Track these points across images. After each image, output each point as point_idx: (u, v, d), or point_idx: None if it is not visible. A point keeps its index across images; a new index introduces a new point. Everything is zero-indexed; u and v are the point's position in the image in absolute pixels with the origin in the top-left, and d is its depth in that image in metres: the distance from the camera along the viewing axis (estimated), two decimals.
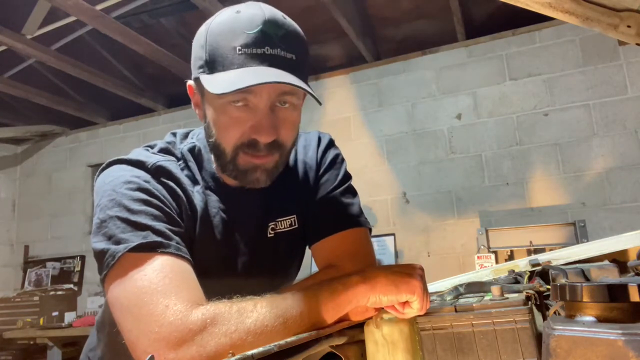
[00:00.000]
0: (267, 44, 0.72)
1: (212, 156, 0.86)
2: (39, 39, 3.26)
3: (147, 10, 3.29)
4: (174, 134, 0.91)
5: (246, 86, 0.68)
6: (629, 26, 0.79)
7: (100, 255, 0.70)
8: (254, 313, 0.63)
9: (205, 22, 0.80)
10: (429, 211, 3.55)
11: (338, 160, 0.97)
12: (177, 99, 4.47)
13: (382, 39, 3.82)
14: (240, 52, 0.72)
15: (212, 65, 0.74)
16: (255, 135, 0.76)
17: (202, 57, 0.76)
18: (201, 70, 0.76)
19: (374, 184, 3.70)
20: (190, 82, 0.84)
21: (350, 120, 3.87)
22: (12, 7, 3.04)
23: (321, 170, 0.94)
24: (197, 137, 0.89)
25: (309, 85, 0.75)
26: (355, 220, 0.91)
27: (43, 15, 3.05)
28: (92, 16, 2.92)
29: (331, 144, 0.99)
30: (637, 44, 0.83)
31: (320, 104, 0.76)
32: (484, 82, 3.52)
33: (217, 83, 0.71)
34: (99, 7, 2.94)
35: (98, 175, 0.81)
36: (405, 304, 0.68)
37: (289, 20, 0.78)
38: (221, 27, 0.75)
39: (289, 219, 0.92)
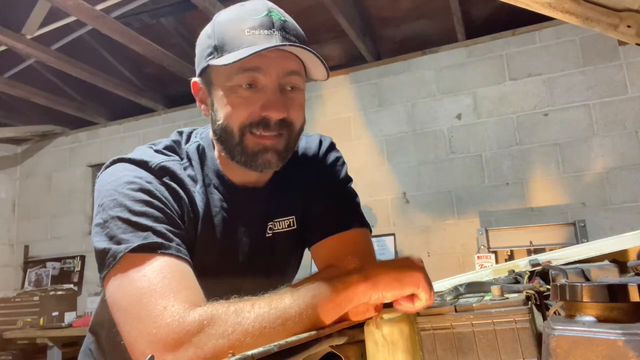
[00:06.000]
0: (274, 27, 0.76)
1: (215, 153, 0.86)
2: (39, 39, 3.26)
3: (147, 10, 3.29)
4: (180, 133, 0.91)
5: (256, 51, 0.71)
6: (629, 26, 0.79)
7: (101, 254, 0.70)
8: (251, 313, 0.62)
9: (207, 24, 0.82)
10: (429, 211, 3.55)
11: (339, 162, 0.98)
12: (177, 99, 4.47)
13: (382, 39, 3.82)
14: (249, 33, 0.75)
15: (222, 48, 0.76)
16: (266, 113, 0.77)
17: (210, 45, 0.78)
18: (211, 57, 0.78)
19: (374, 184, 3.70)
20: (194, 79, 0.84)
21: (350, 120, 3.87)
22: (12, 7, 3.04)
23: (322, 172, 0.95)
24: (201, 136, 0.89)
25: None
26: (356, 221, 0.91)
27: (43, 15, 3.04)
28: (92, 16, 2.92)
29: (332, 146, 0.99)
30: (637, 44, 0.83)
31: (328, 74, 0.79)
32: (484, 82, 3.52)
33: (228, 58, 0.74)
34: (99, 7, 2.94)
35: (100, 174, 0.81)
36: (412, 297, 0.67)
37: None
38: (228, 16, 0.79)
39: (288, 219, 0.92)
